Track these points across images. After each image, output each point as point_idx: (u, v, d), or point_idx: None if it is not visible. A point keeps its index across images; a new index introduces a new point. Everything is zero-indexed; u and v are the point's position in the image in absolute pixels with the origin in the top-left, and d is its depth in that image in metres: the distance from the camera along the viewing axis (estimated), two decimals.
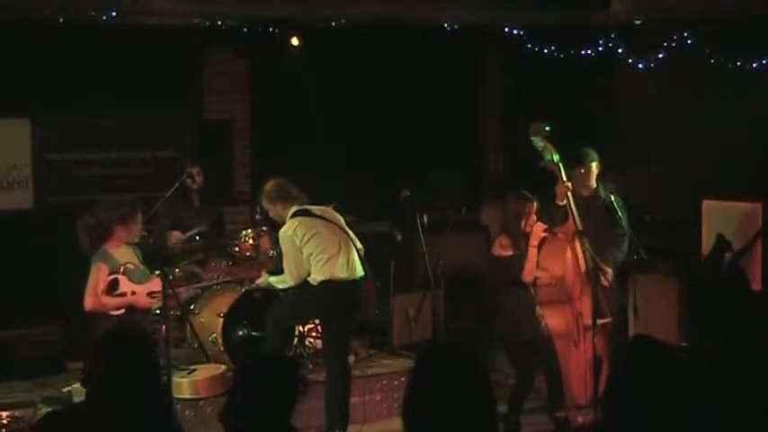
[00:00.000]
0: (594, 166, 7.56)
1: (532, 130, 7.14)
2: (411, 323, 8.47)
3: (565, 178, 7.13)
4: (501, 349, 7.11)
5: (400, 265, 8.73)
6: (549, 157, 7.10)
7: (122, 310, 6.52)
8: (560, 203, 7.25)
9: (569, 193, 7.13)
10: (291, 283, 6.95)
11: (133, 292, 6.56)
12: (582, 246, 7.15)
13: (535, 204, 6.91)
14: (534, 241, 6.87)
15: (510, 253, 6.89)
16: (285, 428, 3.57)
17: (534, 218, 6.90)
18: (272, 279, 7.16)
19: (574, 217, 7.13)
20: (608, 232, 7.47)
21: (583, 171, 7.52)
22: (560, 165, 7.11)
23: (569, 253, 7.29)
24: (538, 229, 6.89)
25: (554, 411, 7.03)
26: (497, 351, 7.20)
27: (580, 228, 7.11)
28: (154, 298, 6.54)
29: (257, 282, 7.50)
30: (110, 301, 6.50)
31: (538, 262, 6.99)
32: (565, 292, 7.29)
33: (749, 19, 8.27)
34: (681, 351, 3.50)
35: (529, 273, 6.89)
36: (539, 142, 7.12)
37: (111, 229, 6.57)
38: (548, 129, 7.10)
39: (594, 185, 7.58)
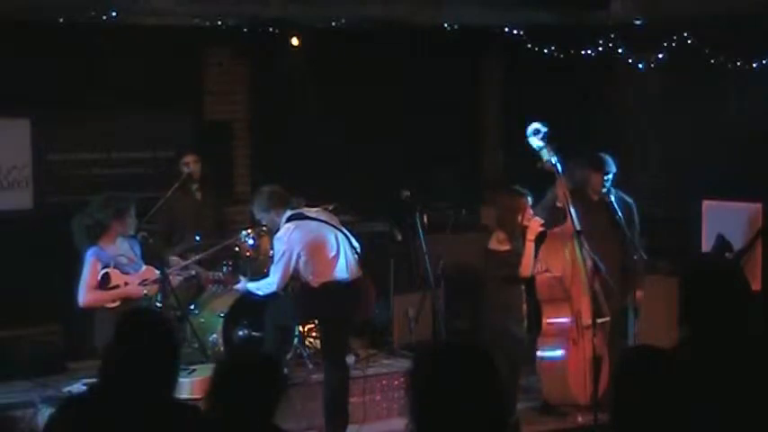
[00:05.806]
0: (610, 176, 7.51)
1: (530, 131, 7.14)
2: (411, 323, 8.47)
3: (563, 178, 7.13)
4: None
5: (400, 265, 8.72)
6: (546, 157, 7.10)
7: (117, 303, 6.57)
8: (560, 205, 7.24)
9: (567, 192, 7.13)
10: (274, 289, 6.88)
11: (126, 283, 6.62)
12: (580, 245, 7.15)
13: (529, 199, 6.93)
14: (531, 236, 6.88)
15: (507, 248, 6.91)
16: (268, 427, 3.57)
17: (531, 212, 6.92)
18: (251, 285, 7.06)
19: (572, 217, 7.12)
20: (611, 233, 7.46)
21: (599, 178, 7.48)
22: (558, 165, 7.11)
23: (567, 252, 7.29)
24: (534, 224, 6.90)
25: None
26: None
27: (578, 228, 7.11)
28: (146, 286, 6.59)
29: (235, 287, 7.29)
30: (103, 295, 6.57)
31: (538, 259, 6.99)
32: (563, 290, 7.29)
33: (749, 19, 8.26)
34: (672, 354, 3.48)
35: (527, 266, 6.91)
36: (536, 143, 7.12)
37: (108, 226, 6.63)
38: (545, 129, 7.10)
39: (605, 192, 7.52)
